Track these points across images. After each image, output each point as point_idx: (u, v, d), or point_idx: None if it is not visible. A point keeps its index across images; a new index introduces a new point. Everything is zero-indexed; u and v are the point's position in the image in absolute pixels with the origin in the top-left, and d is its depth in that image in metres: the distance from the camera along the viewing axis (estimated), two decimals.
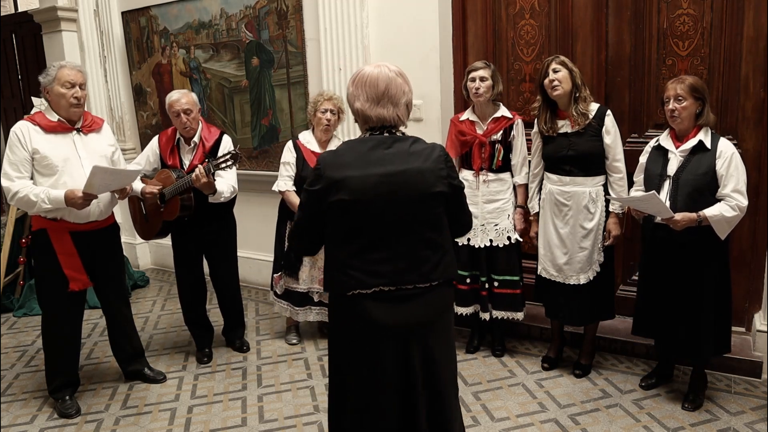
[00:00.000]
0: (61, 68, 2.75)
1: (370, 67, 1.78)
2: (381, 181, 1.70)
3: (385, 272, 1.73)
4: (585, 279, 2.99)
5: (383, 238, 1.73)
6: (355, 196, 1.69)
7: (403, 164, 1.72)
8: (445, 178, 1.77)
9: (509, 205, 3.20)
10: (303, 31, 3.99)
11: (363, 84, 1.75)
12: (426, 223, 1.76)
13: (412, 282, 1.75)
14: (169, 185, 3.14)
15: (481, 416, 2.80)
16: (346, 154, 1.75)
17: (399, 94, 1.75)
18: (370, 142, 1.76)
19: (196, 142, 3.26)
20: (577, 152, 2.89)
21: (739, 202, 2.51)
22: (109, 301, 3.10)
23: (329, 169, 1.72)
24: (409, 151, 1.75)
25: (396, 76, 1.75)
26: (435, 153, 1.77)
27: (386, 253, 1.73)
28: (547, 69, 2.88)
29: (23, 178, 2.70)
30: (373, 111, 1.75)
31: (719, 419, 2.69)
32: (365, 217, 1.72)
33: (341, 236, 1.75)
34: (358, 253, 1.73)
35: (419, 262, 1.75)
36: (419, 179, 1.72)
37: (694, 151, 2.59)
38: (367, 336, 1.76)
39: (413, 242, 1.75)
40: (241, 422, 2.84)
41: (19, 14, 6.02)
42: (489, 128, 3.15)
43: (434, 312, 1.81)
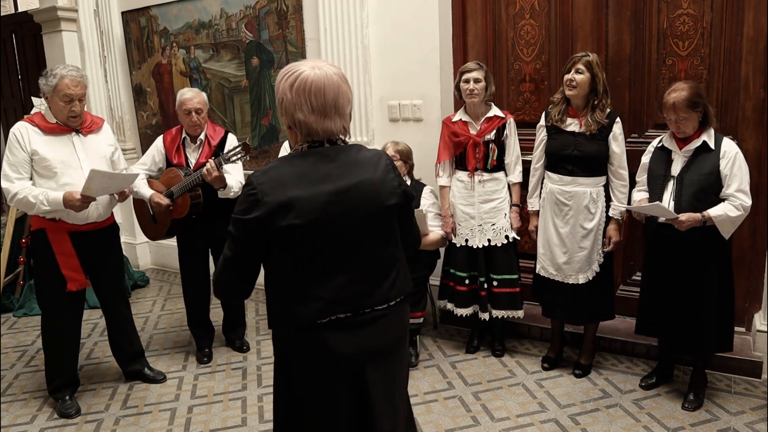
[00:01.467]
0: (61, 79, 2.68)
1: (306, 67, 1.51)
2: (332, 199, 1.50)
3: (345, 297, 1.54)
4: (584, 279, 2.99)
5: (339, 261, 1.54)
6: (307, 219, 1.47)
7: (353, 177, 1.53)
8: (397, 188, 1.61)
9: (505, 204, 3.20)
10: (303, 31, 3.99)
11: (306, 92, 1.49)
12: (381, 239, 1.60)
13: (371, 305, 1.58)
14: (176, 183, 3.15)
15: (481, 416, 2.80)
16: (285, 172, 1.50)
17: (345, 103, 1.54)
18: (312, 156, 1.53)
19: (202, 139, 3.28)
20: (582, 153, 2.88)
21: (743, 201, 2.51)
22: (109, 301, 3.10)
23: (269, 192, 1.47)
24: (357, 161, 1.56)
25: (341, 81, 1.53)
26: (382, 162, 1.60)
27: (342, 278, 1.54)
28: (572, 66, 2.86)
29: (23, 179, 2.70)
30: (319, 125, 1.51)
31: (719, 419, 2.69)
32: (318, 241, 1.51)
33: (290, 265, 1.53)
34: (310, 281, 1.53)
35: (378, 282, 1.59)
36: (372, 193, 1.55)
37: (697, 152, 2.60)
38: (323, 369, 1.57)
39: (370, 262, 1.58)
40: (241, 422, 2.84)
41: (19, 14, 6.02)
42: (482, 128, 3.15)
43: (394, 335, 1.65)
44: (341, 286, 1.55)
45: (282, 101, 1.54)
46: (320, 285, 1.54)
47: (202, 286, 3.48)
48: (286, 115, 1.55)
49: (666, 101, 2.59)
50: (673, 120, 2.59)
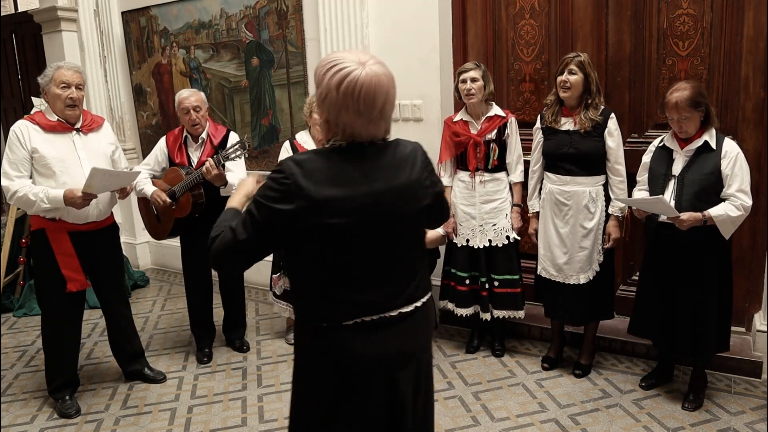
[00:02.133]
0: (58, 69, 2.74)
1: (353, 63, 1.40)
2: (368, 201, 1.44)
3: (373, 300, 1.50)
4: (585, 279, 2.99)
5: (369, 262, 1.49)
6: (341, 220, 1.42)
7: (391, 180, 1.48)
8: (429, 186, 1.57)
9: (506, 204, 3.20)
10: (303, 31, 3.99)
11: (355, 95, 1.39)
12: (409, 241, 1.56)
13: (397, 307, 1.53)
14: (177, 183, 3.16)
15: (481, 416, 2.80)
16: (321, 167, 1.43)
17: (391, 109, 1.47)
18: (350, 153, 1.46)
19: (204, 138, 3.29)
20: (578, 151, 2.89)
21: (744, 201, 2.51)
22: (109, 301, 3.10)
23: (304, 187, 1.40)
24: (395, 161, 1.50)
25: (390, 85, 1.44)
26: (418, 159, 1.55)
27: (372, 279, 1.50)
28: (564, 67, 2.87)
29: (23, 177, 2.71)
30: (364, 129, 1.44)
31: (719, 419, 2.69)
32: (350, 242, 1.46)
33: (319, 264, 1.48)
34: (338, 281, 1.48)
35: (405, 284, 1.55)
36: (407, 195, 1.51)
37: (699, 152, 2.60)
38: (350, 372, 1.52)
39: (399, 263, 1.54)
40: (241, 422, 2.84)
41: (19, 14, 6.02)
42: (483, 128, 3.15)
43: (420, 337, 1.61)
44: (369, 288, 1.50)
45: (325, 98, 1.43)
46: (348, 286, 1.49)
47: (205, 286, 3.48)
48: (328, 111, 1.45)
49: (668, 100, 2.59)
50: (675, 119, 2.58)
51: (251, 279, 4.62)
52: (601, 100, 2.90)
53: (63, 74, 2.73)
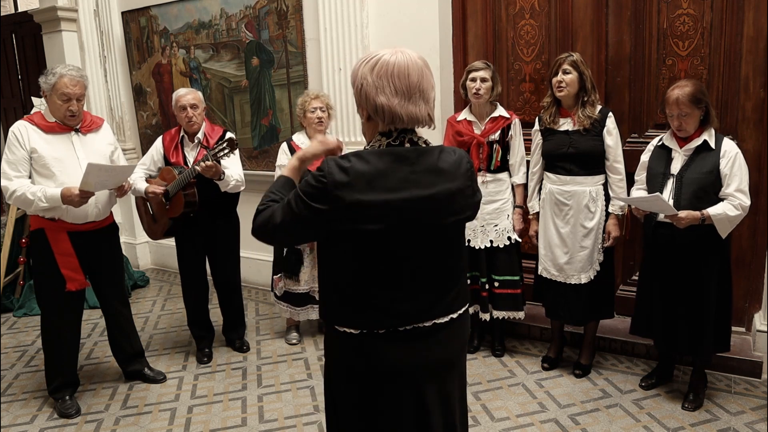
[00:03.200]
0: (60, 77, 2.70)
1: (388, 53, 1.42)
2: (406, 207, 1.40)
3: (405, 310, 1.46)
4: (586, 278, 2.99)
5: (404, 271, 1.45)
6: (377, 225, 1.38)
7: (432, 186, 1.42)
8: (471, 196, 1.53)
9: (508, 205, 3.20)
10: (303, 31, 3.99)
11: (389, 74, 1.39)
12: (449, 251, 1.50)
13: (432, 318, 1.49)
14: (170, 182, 3.16)
15: (481, 416, 2.80)
16: (360, 169, 1.38)
17: (429, 88, 1.45)
18: (390, 156, 1.41)
19: (200, 138, 3.28)
20: (578, 150, 2.89)
21: (742, 201, 2.52)
22: (109, 301, 3.09)
23: (341, 189, 1.37)
24: (437, 167, 1.44)
25: (424, 65, 1.44)
26: (462, 168, 1.49)
27: (406, 288, 1.45)
28: (558, 68, 2.88)
29: (21, 177, 2.71)
30: (404, 109, 1.40)
31: (719, 419, 2.69)
32: (385, 249, 1.42)
33: (353, 267, 1.45)
34: (373, 288, 1.44)
35: (441, 295, 1.50)
36: (448, 204, 1.46)
37: (698, 150, 2.60)
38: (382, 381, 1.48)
39: (436, 274, 1.49)
40: (241, 422, 2.84)
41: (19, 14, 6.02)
42: (487, 128, 3.15)
43: (454, 348, 1.56)
44: (404, 297, 1.46)
45: (361, 87, 1.42)
46: (382, 294, 1.45)
47: (202, 286, 3.48)
48: (366, 102, 1.43)
49: (669, 96, 2.59)
50: (675, 115, 2.58)
51: (251, 279, 4.63)
52: (597, 97, 2.91)
53: (65, 86, 2.69)
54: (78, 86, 2.74)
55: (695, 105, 2.55)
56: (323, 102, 3.35)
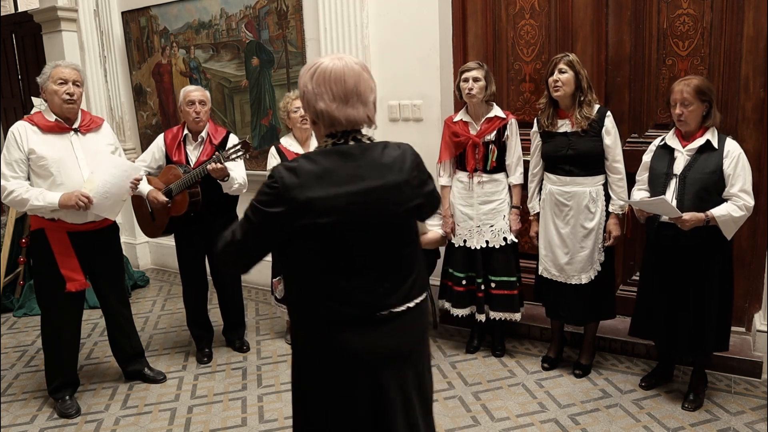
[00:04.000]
0: (55, 67, 2.77)
1: (327, 59, 1.51)
2: (354, 200, 1.48)
3: (362, 299, 1.53)
4: (586, 278, 2.99)
5: (357, 261, 1.53)
6: (327, 219, 1.46)
7: (377, 179, 1.51)
8: (420, 186, 1.60)
9: (505, 205, 3.20)
10: (303, 31, 3.99)
11: (326, 80, 1.49)
12: (401, 240, 1.58)
13: (389, 306, 1.56)
14: (174, 181, 3.15)
15: (481, 416, 2.80)
16: (308, 169, 1.48)
17: (368, 92, 1.53)
18: (336, 154, 1.51)
19: (204, 137, 3.28)
20: (577, 152, 2.89)
21: (746, 202, 2.51)
22: (109, 301, 3.09)
23: (291, 190, 1.45)
24: (382, 162, 1.53)
25: (362, 70, 1.52)
26: (408, 160, 1.58)
27: (361, 278, 1.53)
28: (554, 68, 2.88)
29: (19, 178, 2.72)
30: (341, 112, 1.49)
31: (719, 419, 2.69)
32: (337, 241, 1.50)
33: (310, 261, 1.53)
34: (330, 280, 1.52)
35: (396, 282, 1.57)
36: (396, 195, 1.53)
37: (701, 151, 2.60)
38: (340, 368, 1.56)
39: (391, 263, 1.56)
40: (241, 422, 2.84)
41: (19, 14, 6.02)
42: (482, 129, 3.15)
43: (413, 337, 1.63)
44: (360, 287, 1.53)
45: (304, 95, 1.53)
46: (339, 284, 1.52)
47: (201, 285, 3.48)
48: (309, 108, 1.53)
49: (674, 87, 2.61)
50: (678, 102, 2.57)
51: (251, 279, 4.63)
52: (593, 97, 2.91)
53: (60, 71, 2.75)
54: (73, 72, 2.79)
55: (698, 97, 2.54)
56: None
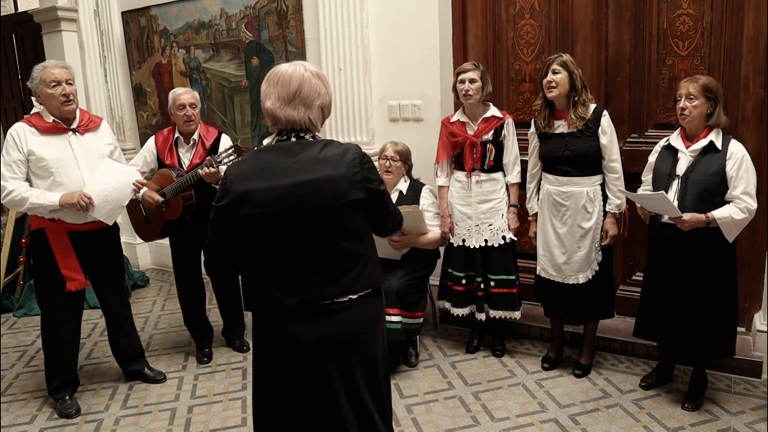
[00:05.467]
0: (43, 69, 2.74)
1: (286, 65, 1.66)
2: (288, 192, 1.59)
3: (303, 288, 1.63)
4: (584, 278, 2.99)
5: (295, 252, 1.63)
6: (263, 210, 1.58)
7: (312, 173, 1.61)
8: (360, 182, 1.65)
9: (503, 204, 3.20)
10: (303, 31, 3.99)
11: (276, 82, 1.63)
12: (342, 234, 1.66)
13: (331, 297, 1.65)
14: (167, 185, 3.15)
15: (481, 416, 2.80)
16: (251, 165, 1.63)
17: (313, 96, 1.64)
18: (275, 150, 1.64)
19: (195, 140, 3.27)
20: (574, 152, 2.89)
21: (749, 204, 2.49)
22: (109, 301, 3.09)
23: (236, 182, 1.60)
24: (319, 157, 1.63)
25: (312, 76, 1.64)
26: (348, 157, 1.65)
27: (301, 268, 1.63)
28: (547, 68, 2.88)
29: (17, 178, 2.72)
30: (282, 111, 1.62)
31: (719, 419, 2.69)
32: (276, 232, 1.61)
33: (253, 251, 1.65)
34: (272, 269, 1.63)
35: (337, 275, 1.65)
36: (330, 188, 1.61)
37: (704, 152, 2.58)
38: (286, 353, 1.68)
39: (329, 255, 1.65)
40: (241, 422, 2.84)
41: (19, 14, 6.02)
42: (480, 128, 3.15)
43: (357, 325, 1.71)
44: (298, 277, 1.63)
45: (261, 94, 1.67)
46: (278, 274, 1.63)
47: (197, 287, 3.48)
48: (262, 105, 1.67)
49: (681, 82, 2.61)
50: (683, 98, 2.57)
51: None
52: (589, 97, 2.90)
53: (50, 73, 2.73)
54: (64, 72, 2.76)
55: (704, 94, 2.53)
56: None
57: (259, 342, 1.76)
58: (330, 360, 1.68)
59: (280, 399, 1.72)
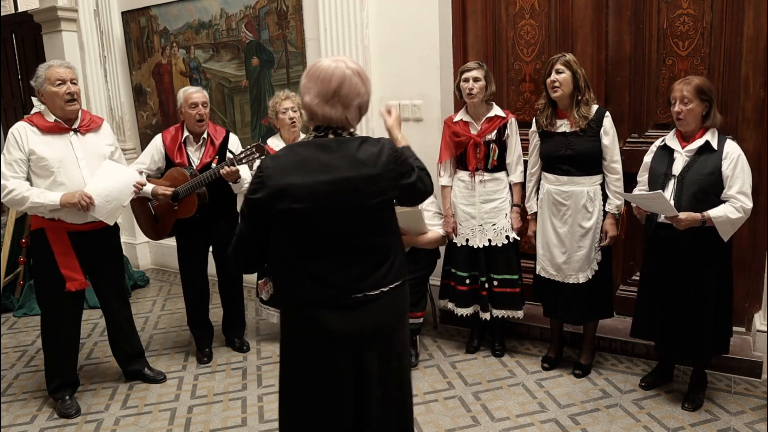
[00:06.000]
0: (49, 68, 2.75)
1: (328, 60, 1.65)
2: (327, 188, 1.61)
3: (336, 282, 1.66)
4: (584, 278, 2.99)
5: (331, 246, 1.65)
6: (301, 204, 1.59)
7: (350, 170, 1.62)
8: (395, 179, 1.69)
9: (506, 204, 3.20)
10: (303, 31, 3.99)
11: (316, 78, 1.63)
12: (376, 230, 1.69)
13: (363, 291, 1.68)
14: (181, 183, 3.14)
15: (481, 416, 2.80)
16: (288, 159, 1.63)
17: (352, 95, 1.64)
18: (314, 146, 1.65)
19: (205, 138, 3.28)
20: (575, 152, 2.89)
21: (744, 204, 2.50)
22: (109, 301, 3.09)
23: (272, 176, 1.61)
24: (357, 155, 1.64)
25: (353, 74, 1.63)
26: (383, 155, 1.67)
27: (335, 262, 1.65)
28: (551, 68, 2.88)
29: (18, 177, 2.72)
30: (320, 108, 1.63)
31: (719, 419, 2.69)
32: (311, 226, 1.63)
33: (287, 245, 1.67)
34: (305, 262, 1.65)
35: (370, 270, 1.69)
36: (368, 186, 1.64)
37: (700, 152, 2.59)
38: (320, 346, 1.69)
39: (363, 250, 1.68)
40: (241, 422, 2.84)
41: (19, 14, 6.02)
42: (483, 128, 3.15)
43: (387, 317, 1.75)
44: (332, 270, 1.65)
45: (300, 87, 1.68)
46: (311, 267, 1.65)
47: (202, 286, 3.48)
48: (301, 99, 1.68)
49: (674, 85, 2.61)
50: (677, 102, 2.57)
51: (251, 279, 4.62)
52: (591, 96, 2.91)
53: (56, 72, 2.73)
54: (68, 71, 2.77)
55: (698, 96, 2.54)
56: (294, 102, 3.34)
57: (289, 336, 1.77)
58: (365, 350, 1.70)
59: (311, 392, 1.73)
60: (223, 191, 3.22)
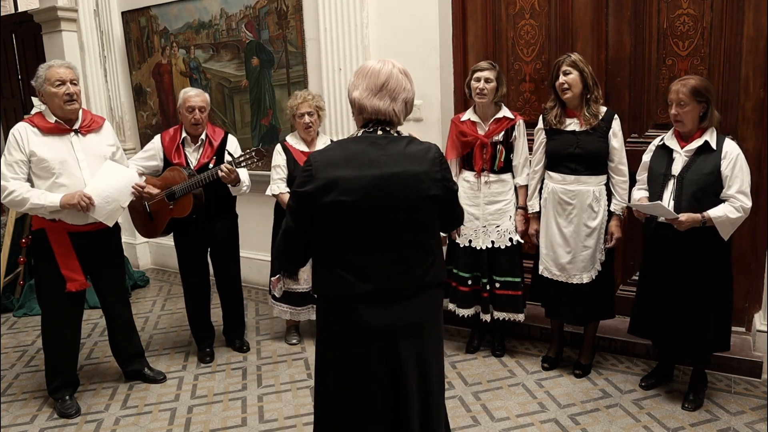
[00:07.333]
0: (49, 68, 2.75)
1: (374, 61, 1.76)
2: (375, 183, 1.65)
3: (377, 276, 1.70)
4: (588, 278, 2.99)
5: (375, 241, 1.69)
6: (350, 197, 1.64)
7: (398, 166, 1.68)
8: (440, 180, 1.73)
9: (511, 206, 3.20)
10: (303, 31, 3.99)
11: (365, 74, 1.73)
12: (419, 227, 1.73)
13: (403, 285, 1.72)
14: (178, 183, 3.14)
15: (481, 416, 2.80)
16: (338, 153, 1.70)
17: (399, 89, 1.72)
18: (363, 142, 1.71)
19: (203, 139, 3.28)
20: (585, 150, 2.89)
21: (744, 203, 2.51)
22: (109, 301, 3.09)
23: (322, 169, 1.66)
24: (405, 152, 1.70)
25: (399, 72, 1.73)
26: (430, 155, 1.73)
27: (378, 257, 1.69)
28: (558, 70, 2.88)
29: (18, 178, 2.71)
30: (369, 101, 1.70)
31: (719, 419, 2.69)
32: (358, 219, 1.67)
33: (332, 238, 1.70)
34: (349, 256, 1.69)
35: (411, 265, 1.73)
36: (414, 183, 1.69)
37: (699, 152, 2.59)
38: (356, 338, 1.73)
39: (407, 246, 1.72)
40: (241, 422, 2.84)
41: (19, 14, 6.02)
42: (491, 129, 3.15)
43: (424, 313, 1.78)
44: (374, 265, 1.69)
45: (348, 86, 1.77)
46: (349, 260, 1.69)
47: (203, 287, 3.48)
48: (349, 97, 1.76)
49: (671, 86, 2.61)
50: (674, 104, 2.58)
51: (251, 279, 4.63)
52: (600, 93, 2.92)
53: (56, 72, 2.73)
54: (69, 71, 2.77)
55: (694, 97, 2.54)
56: (311, 106, 3.33)
57: (327, 330, 1.79)
58: (404, 344, 1.73)
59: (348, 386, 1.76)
60: (222, 193, 3.22)
